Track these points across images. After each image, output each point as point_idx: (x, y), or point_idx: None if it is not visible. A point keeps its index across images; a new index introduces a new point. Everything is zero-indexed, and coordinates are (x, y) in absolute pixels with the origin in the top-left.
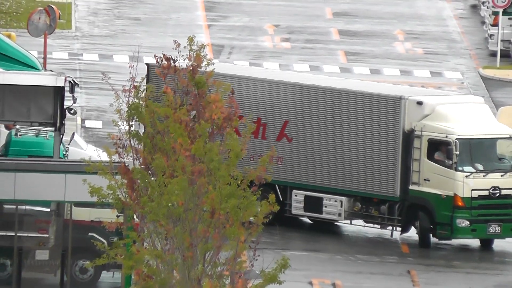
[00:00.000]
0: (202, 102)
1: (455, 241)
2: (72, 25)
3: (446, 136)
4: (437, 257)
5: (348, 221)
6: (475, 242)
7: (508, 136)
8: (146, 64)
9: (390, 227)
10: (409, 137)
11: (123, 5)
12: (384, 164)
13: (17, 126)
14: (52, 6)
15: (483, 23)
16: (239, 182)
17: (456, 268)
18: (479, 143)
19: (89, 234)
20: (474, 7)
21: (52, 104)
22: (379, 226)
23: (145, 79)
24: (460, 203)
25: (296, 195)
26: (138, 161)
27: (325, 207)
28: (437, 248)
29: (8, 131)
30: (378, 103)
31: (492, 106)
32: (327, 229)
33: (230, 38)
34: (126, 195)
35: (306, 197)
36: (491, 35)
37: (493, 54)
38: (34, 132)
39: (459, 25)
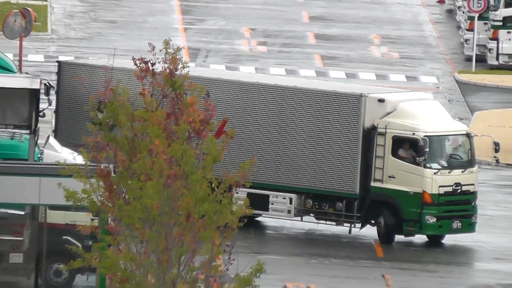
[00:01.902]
0: (179, 105)
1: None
2: (48, 27)
3: (413, 134)
4: (411, 260)
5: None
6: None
7: (464, 132)
8: (57, 61)
9: (347, 224)
10: (369, 135)
11: (99, 8)
12: (343, 161)
13: None
14: (28, 8)
15: (459, 27)
16: (215, 186)
17: (431, 272)
18: (443, 140)
19: (64, 237)
20: (450, 12)
21: (28, 107)
22: (334, 223)
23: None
24: (428, 200)
25: (237, 192)
26: (115, 164)
27: (272, 204)
28: (411, 251)
29: None
30: (338, 100)
31: (467, 110)
32: (302, 233)
33: (206, 42)
34: (102, 198)
35: (248, 194)
36: (466, 40)
37: (468, 59)
38: (9, 135)
39: (435, 29)
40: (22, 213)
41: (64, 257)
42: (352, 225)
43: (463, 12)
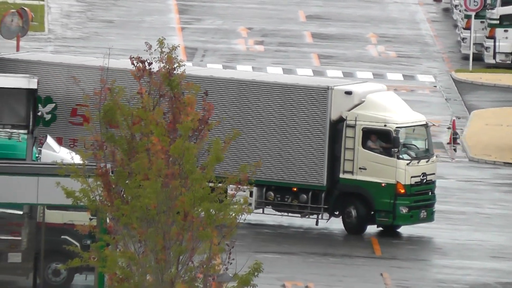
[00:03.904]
0: (177, 105)
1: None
2: (45, 27)
3: (385, 125)
4: (409, 259)
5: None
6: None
7: (424, 122)
8: None
9: (314, 216)
10: (336, 127)
11: (96, 8)
12: (310, 153)
13: None
14: (25, 8)
15: (456, 26)
16: (215, 185)
17: (429, 270)
18: (411, 131)
19: (62, 236)
20: (447, 11)
21: (25, 107)
22: (299, 215)
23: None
24: (402, 190)
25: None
26: (113, 163)
27: None
28: (409, 249)
29: None
30: (305, 93)
31: (464, 109)
32: (300, 232)
33: (203, 41)
34: (101, 198)
35: None
36: (463, 39)
37: (465, 58)
38: (6, 135)
39: (432, 28)
40: (20, 212)
41: (62, 256)
42: (320, 217)
43: (459, 11)
